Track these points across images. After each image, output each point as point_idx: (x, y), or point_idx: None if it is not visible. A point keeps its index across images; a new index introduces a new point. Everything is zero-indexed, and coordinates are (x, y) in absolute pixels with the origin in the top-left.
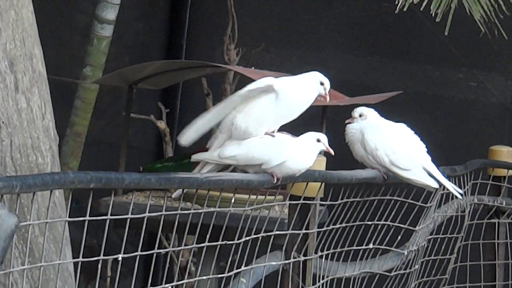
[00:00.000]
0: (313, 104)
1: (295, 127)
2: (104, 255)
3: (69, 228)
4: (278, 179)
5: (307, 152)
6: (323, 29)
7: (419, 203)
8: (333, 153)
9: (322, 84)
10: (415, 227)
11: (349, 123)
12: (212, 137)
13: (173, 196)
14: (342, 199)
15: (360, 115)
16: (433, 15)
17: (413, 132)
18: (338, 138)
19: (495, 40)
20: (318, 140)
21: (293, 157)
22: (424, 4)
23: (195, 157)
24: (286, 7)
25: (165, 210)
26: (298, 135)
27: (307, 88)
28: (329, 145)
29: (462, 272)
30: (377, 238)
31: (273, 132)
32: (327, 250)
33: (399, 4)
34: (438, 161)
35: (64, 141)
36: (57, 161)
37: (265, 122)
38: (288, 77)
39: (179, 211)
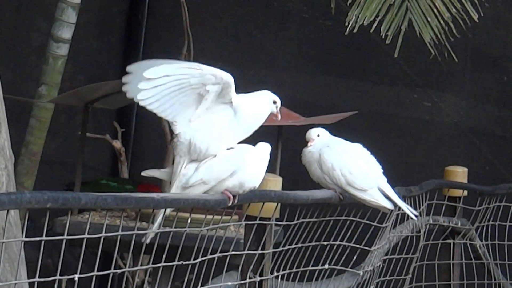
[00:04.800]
0: (268, 124)
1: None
2: (59, 275)
3: (24, 248)
4: (234, 199)
5: (259, 165)
6: (278, 48)
7: (375, 224)
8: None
9: (274, 102)
10: (370, 247)
11: (310, 145)
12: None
13: (147, 241)
14: (298, 219)
15: (318, 135)
16: (383, 37)
17: (369, 152)
18: (294, 158)
19: (444, 62)
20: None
21: (252, 168)
22: (374, 26)
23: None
24: (241, 27)
25: (121, 230)
26: None
27: (262, 105)
28: (285, 164)
29: None
30: (333, 258)
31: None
32: (283, 270)
33: (349, 26)
34: (393, 181)
35: (19, 160)
36: (13, 180)
37: (226, 140)
38: (242, 95)
39: (135, 231)
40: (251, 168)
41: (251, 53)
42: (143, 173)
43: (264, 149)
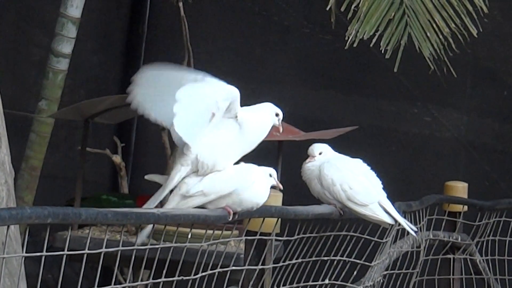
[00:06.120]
0: (268, 139)
1: (251, 162)
2: None
3: (24, 262)
4: (234, 215)
5: (263, 186)
6: (278, 63)
7: (375, 239)
8: (281, 188)
9: (277, 115)
10: (370, 262)
11: (309, 162)
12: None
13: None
14: (298, 234)
15: (320, 153)
16: (382, 51)
17: (369, 167)
18: (294, 173)
19: (444, 77)
20: (270, 175)
21: (254, 188)
22: (374, 40)
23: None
24: (241, 41)
25: (122, 245)
26: None
27: (265, 118)
28: (285, 179)
29: None
30: (333, 273)
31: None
32: (283, 285)
33: (349, 40)
34: (393, 196)
35: (20, 174)
36: (13, 195)
37: (232, 155)
38: (245, 108)
39: (135, 246)
40: (253, 188)
41: (251, 68)
42: (146, 177)
43: (270, 172)
